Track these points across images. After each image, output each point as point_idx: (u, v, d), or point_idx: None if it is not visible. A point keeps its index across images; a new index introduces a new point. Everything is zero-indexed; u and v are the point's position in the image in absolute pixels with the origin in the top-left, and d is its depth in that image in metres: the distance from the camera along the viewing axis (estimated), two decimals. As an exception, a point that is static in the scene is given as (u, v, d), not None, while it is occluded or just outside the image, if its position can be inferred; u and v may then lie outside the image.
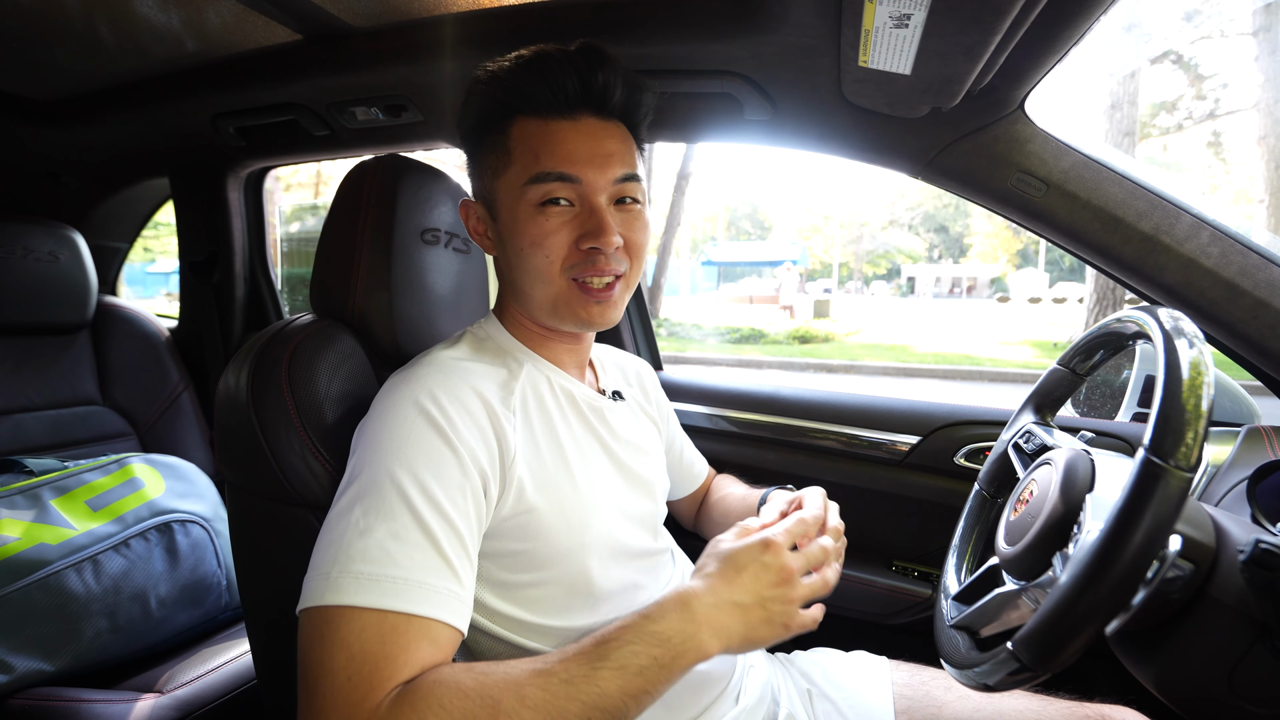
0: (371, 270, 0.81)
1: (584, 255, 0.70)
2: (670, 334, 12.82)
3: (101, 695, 1.03)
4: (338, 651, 0.52)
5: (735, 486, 1.06)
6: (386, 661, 0.52)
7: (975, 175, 0.99)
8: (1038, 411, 0.84)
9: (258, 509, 0.74)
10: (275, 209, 1.83)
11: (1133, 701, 0.83)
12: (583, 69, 0.69)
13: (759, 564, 0.62)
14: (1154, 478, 0.48)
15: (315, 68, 1.20)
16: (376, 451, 0.61)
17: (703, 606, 0.59)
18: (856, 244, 31.50)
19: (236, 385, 0.73)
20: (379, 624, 0.53)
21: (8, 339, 1.46)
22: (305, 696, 0.53)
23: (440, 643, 0.55)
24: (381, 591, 0.54)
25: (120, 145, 1.63)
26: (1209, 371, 0.52)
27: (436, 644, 0.55)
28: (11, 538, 1.06)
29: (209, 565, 1.25)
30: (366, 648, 0.52)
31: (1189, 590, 0.56)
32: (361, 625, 0.53)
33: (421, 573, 0.56)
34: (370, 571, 0.54)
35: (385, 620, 0.53)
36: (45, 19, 1.15)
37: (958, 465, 1.19)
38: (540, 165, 0.69)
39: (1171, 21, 12.72)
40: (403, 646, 0.53)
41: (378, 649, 0.52)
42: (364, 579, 0.54)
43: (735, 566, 0.62)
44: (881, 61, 0.81)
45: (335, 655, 0.52)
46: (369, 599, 0.53)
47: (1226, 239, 0.89)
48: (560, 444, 0.73)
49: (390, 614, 0.53)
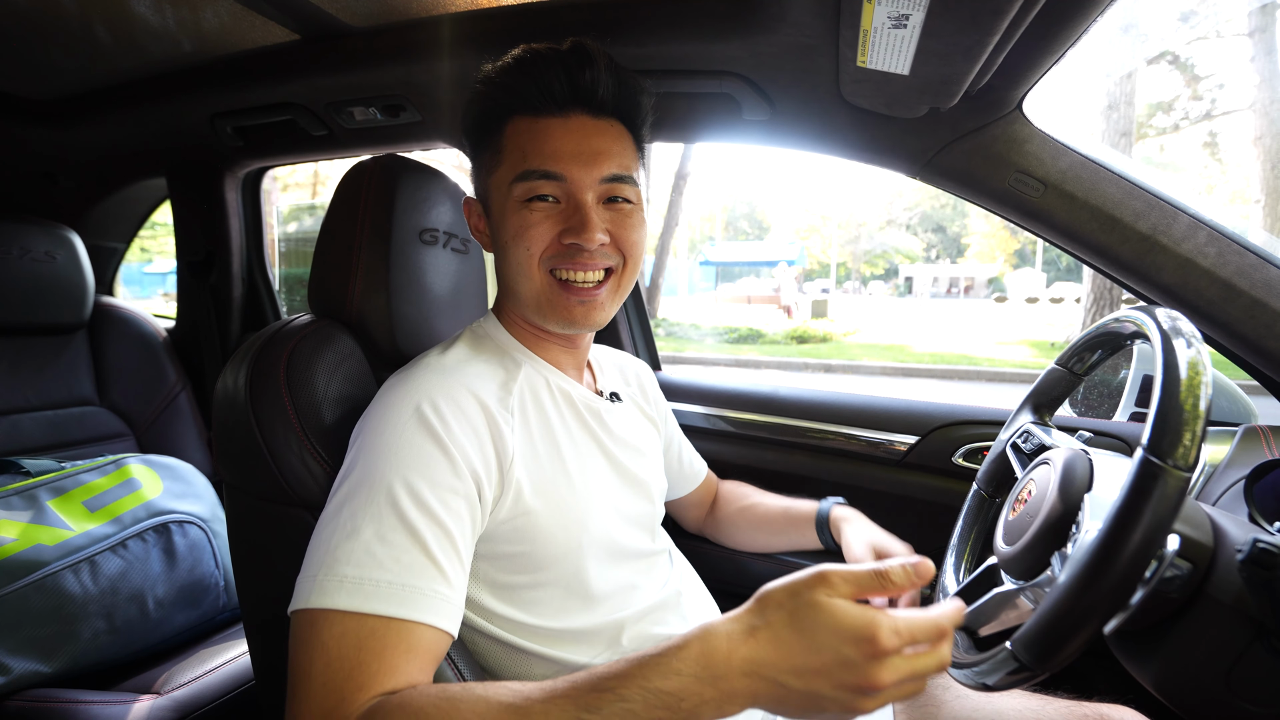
0: (370, 270, 0.81)
1: (564, 248, 0.70)
2: (668, 334, 12.83)
3: (99, 696, 1.03)
4: (317, 655, 0.52)
5: (762, 495, 1.07)
6: (360, 669, 0.51)
7: (973, 175, 0.99)
8: (1036, 411, 0.84)
9: (256, 509, 0.74)
10: (273, 209, 1.83)
11: (1131, 701, 0.83)
12: (571, 67, 0.69)
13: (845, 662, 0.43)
14: (1152, 477, 0.49)
15: (313, 67, 1.20)
16: (368, 454, 0.61)
17: (734, 671, 0.45)
18: (854, 244, 31.56)
19: (235, 385, 0.73)
20: (358, 628, 0.52)
21: (4, 339, 1.46)
22: (288, 700, 0.53)
23: (420, 648, 0.54)
24: (364, 595, 0.53)
25: (117, 145, 1.63)
26: (1207, 371, 0.52)
27: (415, 650, 0.54)
28: (8, 539, 1.05)
29: (206, 566, 1.24)
30: (344, 652, 0.52)
31: (1187, 590, 0.56)
32: (341, 629, 0.52)
33: (406, 574, 0.55)
34: (353, 574, 0.54)
35: (364, 624, 0.53)
36: (42, 18, 1.15)
37: (956, 465, 1.20)
38: (527, 163, 0.70)
39: (1168, 22, 12.75)
40: (377, 653, 0.52)
41: (354, 655, 0.52)
42: (347, 582, 0.54)
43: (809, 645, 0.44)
44: (880, 62, 0.81)
45: (314, 660, 0.52)
46: (350, 602, 0.53)
47: (1223, 239, 0.89)
48: (558, 445, 0.73)
49: (369, 617, 0.53)
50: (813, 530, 0.99)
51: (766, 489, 1.14)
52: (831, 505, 0.99)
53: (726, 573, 1.21)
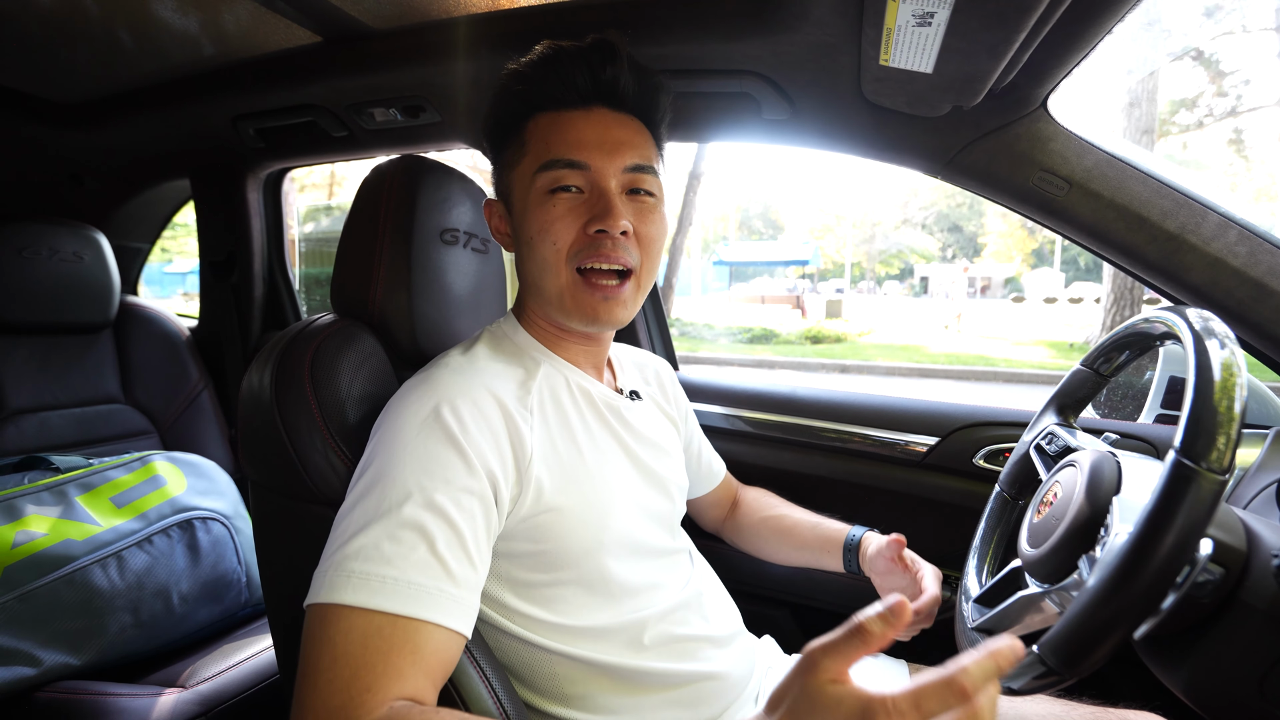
0: (391, 270, 0.81)
1: (590, 240, 0.71)
2: (682, 334, 12.82)
3: (126, 689, 1.04)
4: (324, 651, 0.52)
5: (789, 508, 1.05)
6: (366, 668, 0.52)
7: (996, 174, 0.98)
8: (1060, 413, 0.83)
9: (281, 507, 0.75)
10: (292, 210, 1.84)
11: (1156, 706, 0.82)
12: (594, 63, 0.71)
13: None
14: (1185, 480, 0.48)
15: (334, 69, 1.21)
16: (384, 452, 0.62)
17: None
18: (869, 243, 31.31)
19: (260, 384, 0.74)
20: (365, 625, 0.53)
21: (34, 338, 1.49)
22: (295, 691, 0.53)
23: (426, 650, 0.54)
24: (371, 590, 0.54)
25: (141, 147, 1.65)
26: (1241, 373, 0.51)
27: (420, 652, 0.54)
28: (39, 534, 1.07)
29: (229, 562, 1.26)
30: (350, 650, 0.52)
31: (1219, 595, 0.55)
32: (349, 625, 0.53)
33: (414, 572, 0.55)
34: (363, 570, 0.54)
35: (371, 621, 0.53)
36: (67, 23, 1.17)
37: (977, 467, 1.18)
38: (550, 153, 0.71)
39: (1192, 18, 12.53)
40: (384, 653, 0.52)
41: (359, 653, 0.52)
42: (355, 577, 0.54)
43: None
44: (903, 60, 0.80)
45: (322, 655, 0.52)
46: (358, 597, 0.53)
47: (1254, 238, 0.87)
48: (578, 443, 0.73)
49: (376, 614, 0.53)
50: (839, 553, 0.95)
51: (784, 489, 1.14)
52: (863, 533, 0.95)
53: (745, 574, 1.21)
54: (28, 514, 1.10)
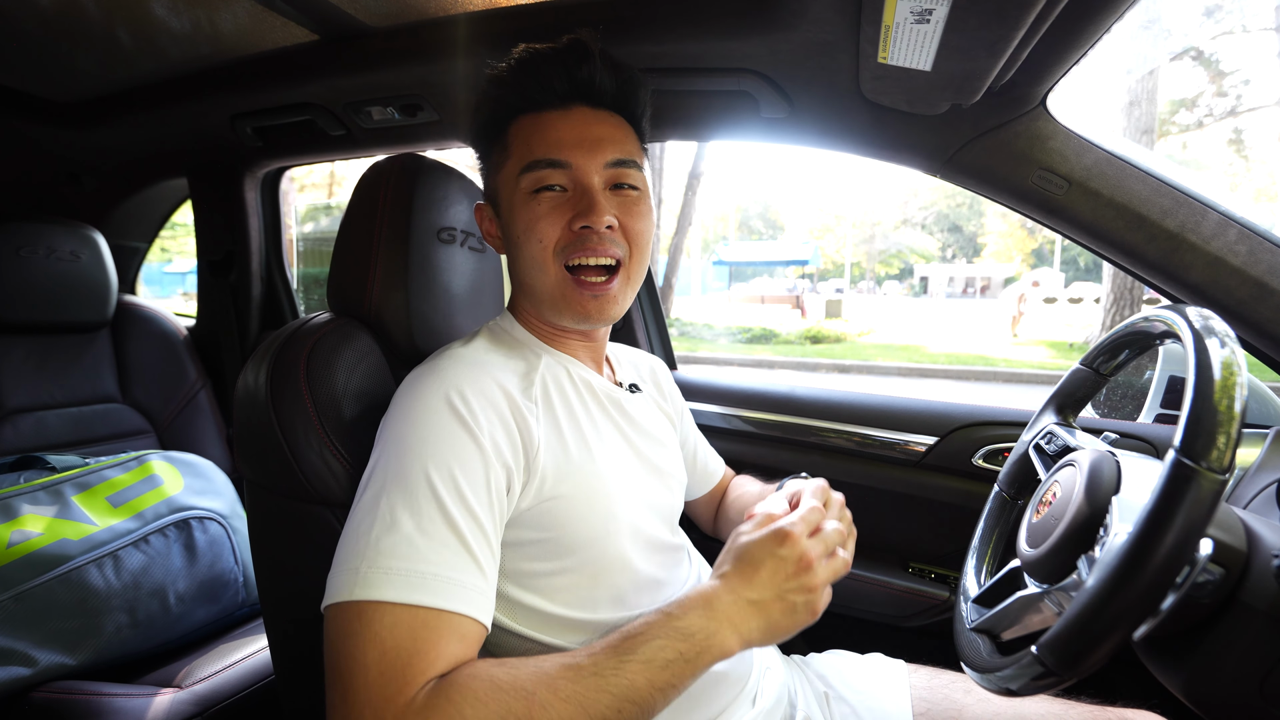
0: (388, 269, 0.81)
1: (576, 235, 0.71)
2: (681, 334, 12.81)
3: (121, 689, 1.04)
4: (370, 646, 0.52)
5: (751, 484, 1.05)
6: (419, 656, 0.53)
7: (995, 172, 0.98)
8: (1059, 412, 0.83)
9: (276, 506, 0.75)
10: (290, 209, 1.84)
11: (1155, 706, 0.82)
12: (569, 63, 0.72)
13: (775, 558, 0.62)
14: (1185, 480, 0.47)
15: (332, 68, 1.21)
16: (402, 446, 0.61)
17: (723, 605, 0.60)
18: (869, 243, 31.33)
19: (255, 383, 0.73)
20: (410, 619, 0.54)
21: (31, 337, 1.49)
22: (336, 692, 0.53)
23: (469, 638, 0.56)
24: (411, 586, 0.54)
25: (139, 146, 1.65)
26: (1241, 372, 0.51)
27: (465, 639, 0.56)
28: (35, 533, 1.07)
29: (226, 562, 1.26)
30: (399, 642, 0.53)
31: (1219, 595, 0.55)
32: (394, 620, 0.53)
33: (448, 568, 0.56)
34: (400, 566, 0.55)
35: (416, 615, 0.54)
36: (65, 22, 1.16)
37: (976, 466, 1.18)
38: (533, 154, 0.72)
39: (1191, 17, 12.53)
40: (433, 642, 0.53)
41: (410, 644, 0.53)
42: (394, 574, 0.55)
43: (752, 564, 0.62)
44: (901, 58, 0.80)
45: (367, 650, 0.52)
46: (400, 594, 0.54)
47: (1255, 237, 0.87)
48: (582, 431, 0.74)
49: (421, 609, 0.54)
50: None
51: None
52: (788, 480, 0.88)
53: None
54: (23, 513, 1.09)
